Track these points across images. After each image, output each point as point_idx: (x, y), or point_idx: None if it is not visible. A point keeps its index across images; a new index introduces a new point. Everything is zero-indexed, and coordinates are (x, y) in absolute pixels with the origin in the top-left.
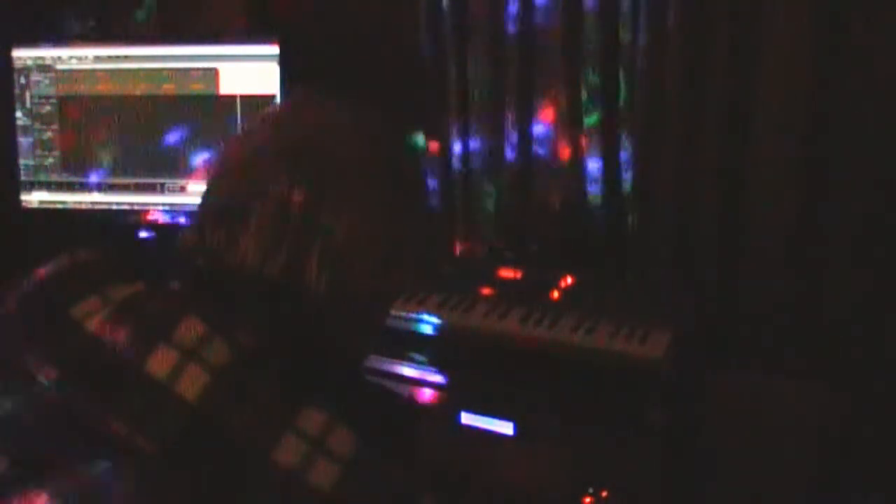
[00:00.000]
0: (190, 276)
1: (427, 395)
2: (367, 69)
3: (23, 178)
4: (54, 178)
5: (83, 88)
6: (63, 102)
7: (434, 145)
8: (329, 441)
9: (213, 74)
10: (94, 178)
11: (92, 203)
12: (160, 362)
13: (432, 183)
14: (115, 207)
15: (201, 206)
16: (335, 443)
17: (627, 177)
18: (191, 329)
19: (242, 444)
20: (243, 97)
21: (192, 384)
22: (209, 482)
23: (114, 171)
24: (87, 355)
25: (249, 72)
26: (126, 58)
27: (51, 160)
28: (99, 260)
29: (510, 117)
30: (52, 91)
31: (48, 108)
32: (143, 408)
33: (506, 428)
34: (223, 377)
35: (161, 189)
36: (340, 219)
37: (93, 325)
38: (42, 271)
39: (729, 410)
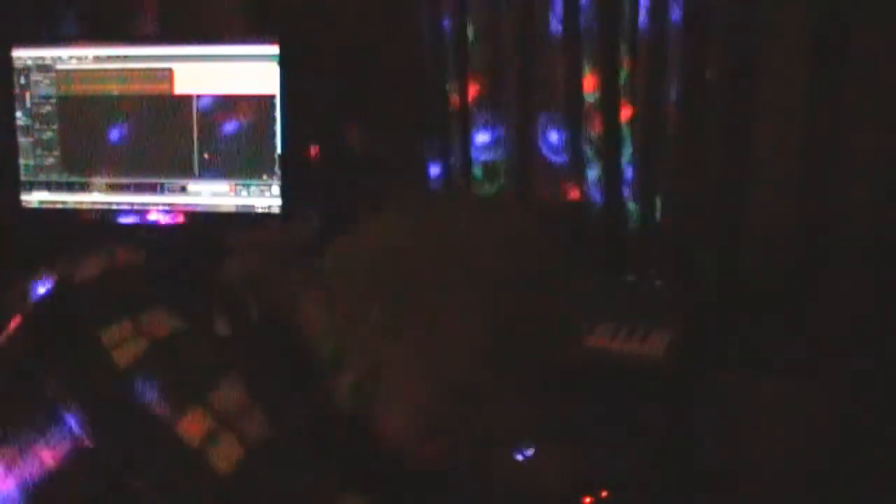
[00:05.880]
0: (241, 322)
1: None
2: (367, 68)
3: (23, 178)
4: (54, 178)
5: (83, 88)
6: (63, 102)
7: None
8: None
9: (212, 74)
10: (94, 178)
11: (92, 203)
12: (193, 425)
13: (432, 182)
14: (115, 207)
15: (264, 245)
16: None
17: (628, 176)
18: (231, 395)
19: None
20: (243, 97)
21: (225, 456)
22: None
23: (114, 171)
24: (114, 397)
25: (249, 72)
26: (126, 58)
27: (51, 160)
28: (138, 268)
29: (510, 114)
30: (52, 91)
31: (48, 108)
32: (169, 471)
33: None
34: (259, 453)
35: (161, 189)
36: (399, 345)
37: (123, 360)
38: (73, 272)
39: (729, 410)
